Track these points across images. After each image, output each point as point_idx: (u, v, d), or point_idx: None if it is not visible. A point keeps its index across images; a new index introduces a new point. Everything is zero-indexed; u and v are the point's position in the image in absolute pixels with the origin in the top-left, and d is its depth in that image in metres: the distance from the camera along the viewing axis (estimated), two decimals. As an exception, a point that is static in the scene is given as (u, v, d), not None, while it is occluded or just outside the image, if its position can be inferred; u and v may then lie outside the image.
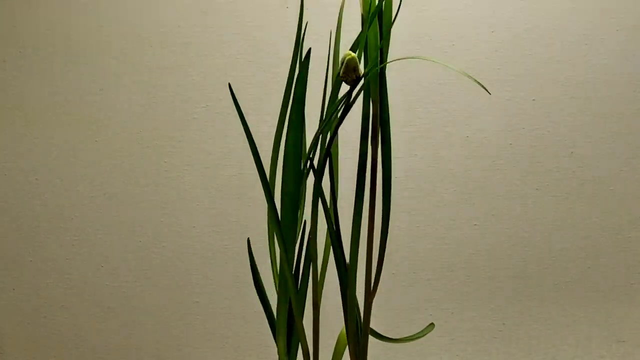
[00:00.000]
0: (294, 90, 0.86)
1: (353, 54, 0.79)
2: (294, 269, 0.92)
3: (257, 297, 1.06)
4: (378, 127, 0.90)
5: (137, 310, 1.43)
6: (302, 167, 0.90)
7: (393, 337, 1.04)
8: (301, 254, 0.94)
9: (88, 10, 1.37)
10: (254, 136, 0.81)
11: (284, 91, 0.92)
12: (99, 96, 1.38)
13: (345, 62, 0.79)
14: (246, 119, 1.37)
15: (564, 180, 1.38)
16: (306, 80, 0.86)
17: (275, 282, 0.95)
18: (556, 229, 1.39)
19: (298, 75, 0.85)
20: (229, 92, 1.37)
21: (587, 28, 1.35)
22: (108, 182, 1.40)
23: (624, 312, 1.41)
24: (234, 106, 1.38)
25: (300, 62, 0.87)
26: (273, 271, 0.95)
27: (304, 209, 0.95)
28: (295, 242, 0.91)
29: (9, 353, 1.45)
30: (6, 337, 1.45)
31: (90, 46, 1.38)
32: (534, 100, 1.36)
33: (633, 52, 1.35)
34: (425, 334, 1.04)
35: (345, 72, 0.79)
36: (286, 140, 0.87)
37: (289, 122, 0.86)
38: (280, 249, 0.89)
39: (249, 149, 1.39)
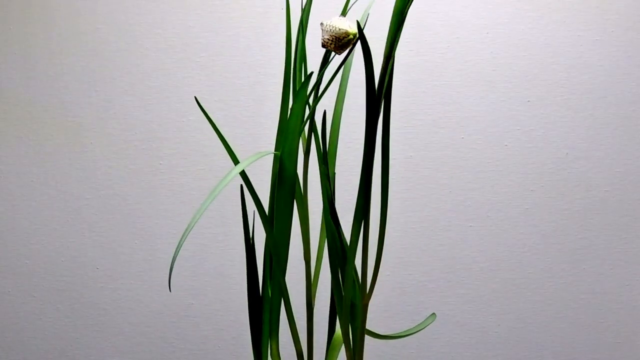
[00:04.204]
0: (289, 123, 0.85)
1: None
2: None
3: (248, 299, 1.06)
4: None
5: (132, 312, 1.43)
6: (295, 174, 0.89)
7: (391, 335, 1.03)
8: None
9: (84, 12, 1.37)
10: (249, 137, 0.81)
11: (281, 91, 0.92)
12: (94, 98, 1.39)
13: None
14: (241, 120, 1.38)
15: (559, 181, 1.38)
16: (304, 110, 0.85)
17: (267, 283, 0.95)
18: (552, 230, 1.39)
19: (292, 107, 0.85)
20: (226, 93, 1.38)
21: (581, 29, 1.35)
22: (103, 183, 1.40)
23: (621, 314, 1.41)
24: (229, 108, 1.39)
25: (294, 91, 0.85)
26: (265, 273, 0.95)
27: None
28: (288, 244, 0.91)
29: (4, 355, 1.45)
30: (1, 339, 1.45)
31: (86, 48, 1.38)
32: (528, 101, 1.36)
33: (628, 53, 1.35)
34: (427, 325, 1.04)
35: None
36: (281, 156, 0.86)
37: (281, 154, 0.85)
38: (272, 250, 0.89)
39: (246, 151, 1.39)
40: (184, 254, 1.41)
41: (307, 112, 0.93)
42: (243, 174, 0.86)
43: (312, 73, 0.84)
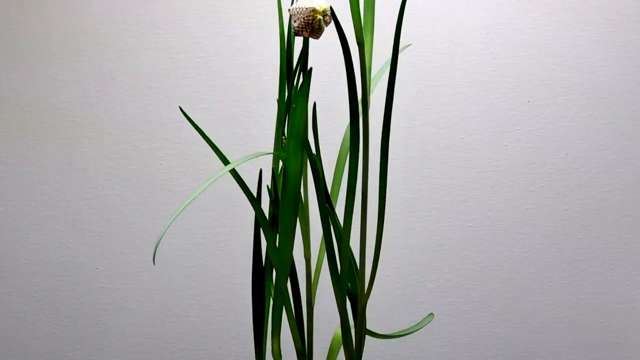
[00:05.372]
0: (290, 122, 0.84)
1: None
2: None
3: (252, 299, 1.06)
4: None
5: (133, 312, 1.43)
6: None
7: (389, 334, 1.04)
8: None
9: (83, 13, 1.37)
10: (249, 137, 0.81)
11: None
12: (94, 98, 1.39)
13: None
14: (241, 120, 1.37)
15: (559, 181, 1.38)
16: (307, 108, 0.84)
17: (269, 284, 0.95)
18: (552, 230, 1.39)
19: (295, 105, 0.83)
20: (226, 93, 1.38)
21: (581, 29, 1.35)
22: (103, 184, 1.40)
23: (621, 314, 1.41)
24: (229, 108, 1.39)
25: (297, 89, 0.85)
26: (266, 273, 0.95)
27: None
28: (292, 246, 0.90)
29: (4, 355, 1.45)
30: (1, 339, 1.45)
31: (86, 48, 1.38)
32: (529, 101, 1.36)
33: (628, 53, 1.35)
34: (425, 325, 1.04)
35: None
36: (287, 154, 0.85)
37: (286, 152, 0.84)
38: (273, 253, 0.89)
39: (246, 151, 1.39)
40: (183, 254, 1.41)
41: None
42: (237, 175, 0.85)
43: (311, 69, 0.84)
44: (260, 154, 0.88)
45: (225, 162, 0.86)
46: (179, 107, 0.92)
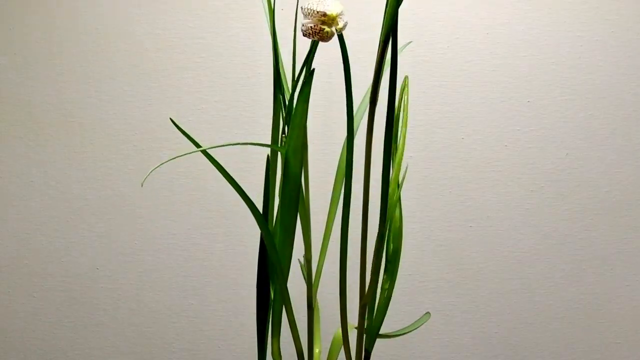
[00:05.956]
0: (293, 120, 0.84)
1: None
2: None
3: (253, 299, 1.06)
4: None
5: (133, 312, 1.43)
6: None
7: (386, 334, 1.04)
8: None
9: (83, 13, 1.37)
10: (249, 137, 0.82)
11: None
12: (94, 98, 1.39)
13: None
14: (241, 120, 1.37)
15: (559, 181, 1.38)
16: (307, 109, 0.83)
17: (271, 283, 0.95)
18: (552, 230, 1.39)
19: (296, 104, 0.83)
20: (225, 94, 1.38)
21: (582, 30, 1.35)
22: (103, 184, 1.40)
23: (621, 314, 1.41)
24: (230, 108, 1.39)
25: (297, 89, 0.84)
26: (266, 274, 0.95)
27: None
28: (292, 246, 0.90)
29: (4, 355, 1.45)
30: (1, 339, 1.45)
31: (86, 48, 1.38)
32: (529, 101, 1.37)
33: (628, 53, 1.35)
34: (421, 324, 1.04)
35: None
36: (287, 153, 0.85)
37: (287, 151, 0.84)
38: (272, 253, 0.89)
39: (245, 151, 1.39)
40: (184, 254, 1.41)
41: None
42: (229, 176, 0.86)
43: (314, 69, 0.84)
44: (253, 143, 0.87)
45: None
46: (171, 119, 0.92)
